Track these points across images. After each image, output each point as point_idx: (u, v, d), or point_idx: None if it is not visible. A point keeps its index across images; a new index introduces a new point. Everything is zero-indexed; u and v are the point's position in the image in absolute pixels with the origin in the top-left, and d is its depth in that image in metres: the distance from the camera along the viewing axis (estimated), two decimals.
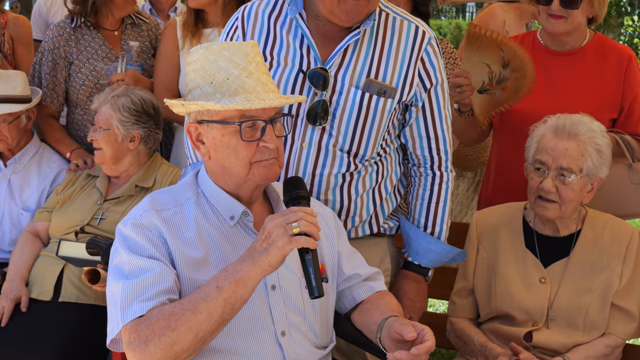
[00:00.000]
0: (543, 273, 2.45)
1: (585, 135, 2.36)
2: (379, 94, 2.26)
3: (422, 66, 2.29)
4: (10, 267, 2.93)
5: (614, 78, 2.89)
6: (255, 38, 2.28)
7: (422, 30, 2.30)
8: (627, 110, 2.88)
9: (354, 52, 2.25)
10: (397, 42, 2.28)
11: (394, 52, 2.27)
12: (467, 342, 2.50)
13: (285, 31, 2.28)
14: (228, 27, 2.36)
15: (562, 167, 2.35)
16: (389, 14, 2.31)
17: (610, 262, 2.42)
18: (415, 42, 2.28)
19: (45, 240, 3.02)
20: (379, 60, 2.26)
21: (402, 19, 2.31)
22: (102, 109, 2.95)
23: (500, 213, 2.60)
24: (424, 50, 2.29)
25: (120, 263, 1.79)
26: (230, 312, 1.69)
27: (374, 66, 2.26)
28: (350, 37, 2.23)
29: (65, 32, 3.31)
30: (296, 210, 1.70)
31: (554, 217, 2.41)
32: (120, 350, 1.78)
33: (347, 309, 2.12)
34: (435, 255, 2.40)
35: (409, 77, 2.29)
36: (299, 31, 2.26)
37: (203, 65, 1.81)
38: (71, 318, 2.75)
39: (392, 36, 2.29)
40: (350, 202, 2.31)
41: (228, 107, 1.76)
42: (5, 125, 3.12)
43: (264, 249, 1.68)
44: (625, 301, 2.42)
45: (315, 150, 2.25)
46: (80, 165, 3.14)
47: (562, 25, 2.84)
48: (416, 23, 2.31)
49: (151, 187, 2.93)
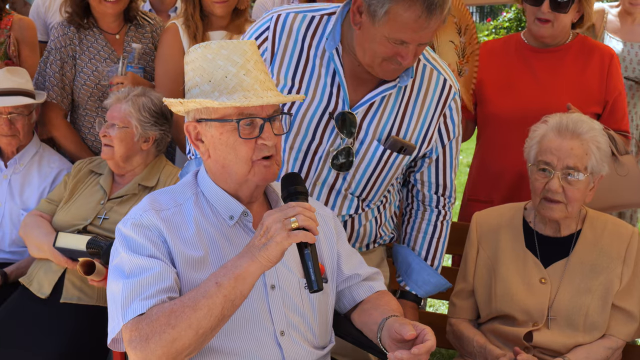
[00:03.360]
0: (543, 273, 2.44)
1: (588, 133, 2.36)
2: (400, 152, 2.28)
3: (443, 121, 2.33)
4: (41, 239, 2.87)
5: (597, 74, 2.96)
6: (286, 58, 2.24)
7: (449, 85, 2.32)
8: (611, 107, 2.96)
9: (381, 102, 2.25)
10: (424, 94, 2.28)
11: (419, 106, 2.28)
12: (467, 343, 2.50)
13: (318, 59, 2.22)
14: (256, 32, 2.27)
15: (568, 167, 2.34)
16: (421, 60, 2.28)
17: (610, 262, 2.42)
18: (441, 97, 2.30)
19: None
20: (403, 115, 2.28)
21: (432, 67, 2.29)
22: (121, 106, 2.94)
23: (500, 214, 2.60)
24: (448, 106, 2.32)
25: (120, 263, 1.79)
26: (230, 308, 1.69)
27: (397, 121, 2.28)
28: (383, 90, 2.22)
29: (69, 31, 3.32)
30: (294, 205, 1.71)
31: (560, 217, 2.41)
32: (121, 350, 1.78)
33: (347, 309, 2.12)
34: (431, 287, 2.48)
35: (429, 133, 2.32)
36: (332, 65, 2.21)
37: (201, 64, 1.81)
38: (72, 319, 2.76)
39: (420, 88, 2.28)
40: (352, 232, 2.39)
41: (226, 105, 1.76)
42: (21, 119, 3.15)
43: (263, 245, 1.68)
44: (625, 302, 2.41)
45: (327, 191, 2.30)
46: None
47: (549, 29, 2.92)
48: (444, 75, 2.31)
49: (154, 187, 2.94)
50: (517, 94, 2.97)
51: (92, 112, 3.37)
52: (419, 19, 1.96)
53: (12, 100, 3.11)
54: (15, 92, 3.13)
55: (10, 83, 3.14)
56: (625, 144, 2.90)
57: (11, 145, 3.21)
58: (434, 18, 1.96)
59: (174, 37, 3.27)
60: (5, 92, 3.11)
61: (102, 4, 3.24)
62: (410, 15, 1.96)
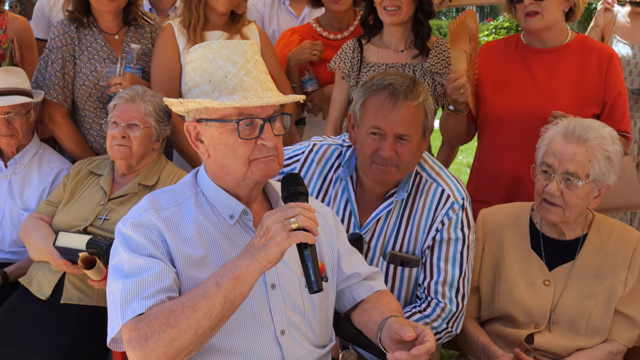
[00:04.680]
0: (547, 275, 2.43)
1: (595, 141, 2.32)
2: (402, 265, 2.38)
3: (437, 228, 2.40)
4: (40, 243, 2.87)
5: (596, 74, 2.96)
6: (311, 183, 2.49)
7: (447, 195, 2.40)
8: (610, 107, 2.95)
9: (386, 220, 2.42)
10: (422, 208, 2.41)
11: (417, 220, 2.40)
12: (471, 341, 2.49)
13: (336, 186, 2.47)
14: (292, 153, 2.52)
15: (568, 172, 2.32)
16: (422, 176, 2.45)
17: (615, 267, 2.40)
18: (438, 207, 2.39)
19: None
20: (404, 230, 2.40)
21: (432, 181, 2.43)
22: (140, 106, 2.95)
23: (507, 212, 2.58)
24: (445, 215, 2.38)
25: (120, 262, 1.79)
26: (230, 308, 1.69)
27: (400, 236, 2.40)
28: (384, 208, 2.40)
29: (69, 30, 3.31)
30: (294, 206, 1.71)
31: (557, 221, 2.40)
32: (121, 350, 1.78)
33: (346, 308, 2.13)
34: None
35: (427, 242, 2.39)
36: (346, 193, 2.44)
37: (202, 64, 1.81)
38: (72, 319, 2.76)
39: (419, 202, 2.42)
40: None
41: (225, 105, 1.76)
42: (18, 118, 3.15)
43: (263, 245, 1.68)
44: (628, 308, 2.40)
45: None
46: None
47: (539, 21, 2.92)
48: (444, 186, 2.41)
49: (154, 186, 2.94)
50: (516, 94, 2.97)
51: (90, 112, 3.37)
52: (384, 102, 2.29)
53: (8, 100, 3.10)
54: (12, 91, 3.13)
55: (6, 83, 3.14)
56: (625, 145, 2.90)
57: (10, 145, 3.21)
58: (398, 102, 2.28)
59: (169, 38, 3.28)
60: (1, 92, 3.11)
61: (100, 1, 3.23)
62: (378, 100, 2.31)
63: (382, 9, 3.08)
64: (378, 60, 3.20)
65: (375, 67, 3.18)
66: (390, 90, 2.30)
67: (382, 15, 3.11)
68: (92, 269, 2.55)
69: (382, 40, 3.22)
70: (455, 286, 2.37)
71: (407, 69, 3.15)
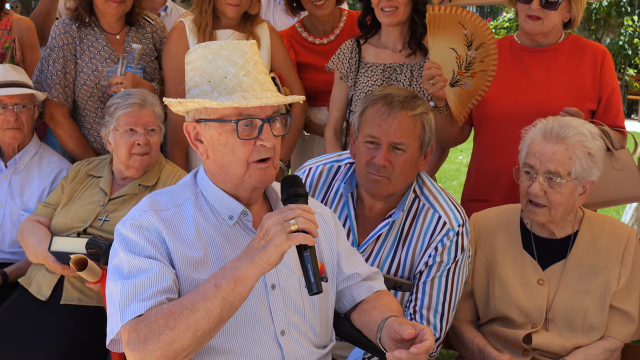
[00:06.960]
0: (541, 275, 2.44)
1: (574, 138, 2.33)
2: (395, 289, 2.39)
3: (430, 254, 2.40)
4: (36, 246, 2.88)
5: (591, 71, 2.99)
6: (316, 197, 2.50)
7: (444, 221, 2.40)
8: (605, 103, 2.98)
9: (384, 241, 2.44)
10: (419, 233, 2.43)
11: (414, 245, 2.42)
12: (467, 345, 2.50)
13: (336, 202, 2.49)
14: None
15: (549, 171, 2.33)
16: (421, 201, 2.45)
17: (607, 263, 2.41)
18: (434, 233, 2.40)
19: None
20: (400, 255, 2.42)
21: (430, 206, 2.44)
22: (152, 110, 2.96)
23: (498, 215, 2.60)
24: (439, 241, 2.39)
25: (119, 263, 1.79)
26: (229, 310, 1.69)
27: (395, 261, 2.42)
28: (381, 228, 2.42)
29: (71, 29, 3.31)
30: (294, 208, 1.70)
31: (544, 221, 2.41)
32: (120, 351, 1.78)
33: (346, 309, 2.13)
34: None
35: (420, 267, 2.41)
36: (346, 210, 2.47)
37: (201, 64, 1.81)
38: (72, 320, 2.75)
39: (415, 227, 2.43)
40: None
41: (224, 105, 1.76)
42: (25, 111, 3.16)
43: (262, 247, 1.68)
44: (623, 303, 2.41)
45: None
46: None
47: (539, 26, 2.94)
48: (440, 213, 2.41)
49: (154, 186, 2.94)
50: (512, 93, 2.98)
51: (91, 112, 3.37)
52: (379, 111, 2.33)
53: (18, 90, 3.12)
54: (20, 84, 3.16)
55: (13, 76, 3.17)
56: (621, 140, 2.91)
57: (15, 139, 3.20)
58: (393, 111, 2.31)
59: (180, 35, 3.32)
60: (10, 84, 3.13)
61: (107, 4, 3.24)
62: (374, 109, 2.35)
63: (379, 9, 3.09)
64: (376, 61, 3.20)
65: (373, 67, 3.19)
66: (387, 99, 2.34)
67: (379, 16, 3.12)
68: (84, 270, 2.54)
69: (380, 41, 3.23)
70: (439, 311, 2.39)
71: (405, 69, 3.16)
